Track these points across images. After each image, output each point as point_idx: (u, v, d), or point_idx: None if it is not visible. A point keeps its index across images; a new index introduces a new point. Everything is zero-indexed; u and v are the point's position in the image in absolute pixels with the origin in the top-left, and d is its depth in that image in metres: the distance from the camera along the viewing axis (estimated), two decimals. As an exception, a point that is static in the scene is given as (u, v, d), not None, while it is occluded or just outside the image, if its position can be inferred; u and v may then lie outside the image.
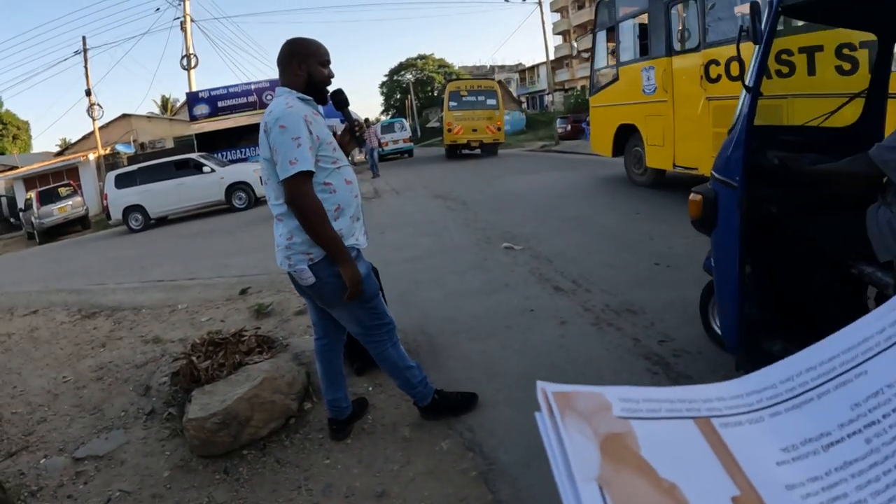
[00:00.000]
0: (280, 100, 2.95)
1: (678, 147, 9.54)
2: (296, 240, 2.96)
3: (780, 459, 0.57)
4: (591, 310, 5.22)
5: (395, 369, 3.40)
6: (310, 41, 3.10)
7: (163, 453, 3.67)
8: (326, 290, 3.05)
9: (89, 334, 6.25)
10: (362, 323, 3.23)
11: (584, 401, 0.59)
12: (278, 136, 2.79)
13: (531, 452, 3.20)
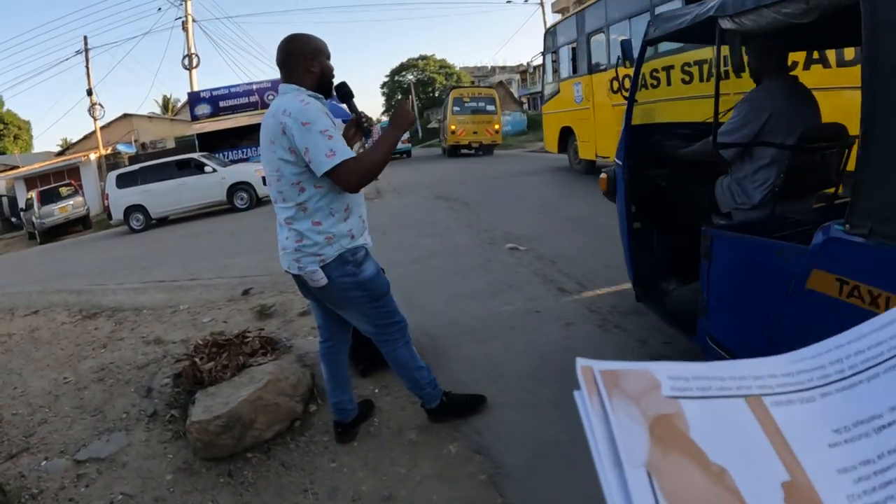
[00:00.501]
0: (289, 97, 2.86)
1: (598, 142, 12.67)
2: (306, 242, 2.91)
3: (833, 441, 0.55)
4: (596, 311, 5.19)
5: (406, 370, 3.36)
6: (312, 36, 3.04)
7: (165, 456, 3.63)
8: (337, 291, 3.01)
9: (90, 335, 6.20)
10: (374, 322, 3.19)
11: (632, 380, 0.56)
12: (304, 134, 2.71)
13: (538, 455, 3.19)
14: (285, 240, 2.99)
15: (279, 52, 2.99)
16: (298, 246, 2.92)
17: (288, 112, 2.75)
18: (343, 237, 2.95)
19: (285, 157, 2.80)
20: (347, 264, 2.95)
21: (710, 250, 3.09)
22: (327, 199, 2.90)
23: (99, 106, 30.32)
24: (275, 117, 2.81)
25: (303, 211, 2.88)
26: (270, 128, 2.83)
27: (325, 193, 2.88)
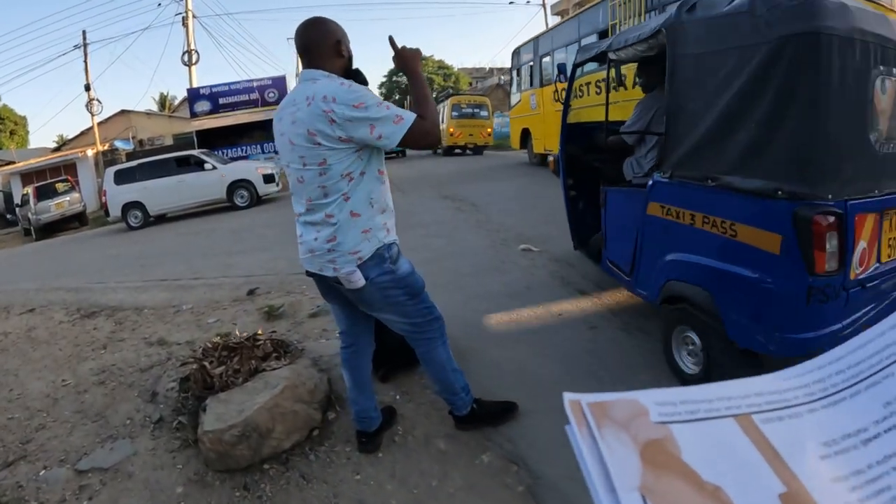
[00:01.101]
0: (324, 83, 2.64)
1: (546, 140, 15.75)
2: (340, 240, 2.72)
3: (823, 454, 0.57)
4: (618, 314, 5.09)
5: (442, 371, 3.18)
6: (334, 21, 2.86)
7: (174, 466, 3.39)
8: (377, 290, 2.84)
9: (90, 335, 5.96)
10: (414, 320, 3.02)
11: (620, 409, 0.59)
12: (362, 114, 2.55)
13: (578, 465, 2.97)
14: (315, 241, 2.79)
15: (303, 36, 2.79)
16: (332, 246, 2.73)
17: (331, 98, 2.55)
18: (379, 230, 2.78)
19: (334, 145, 2.60)
20: (385, 262, 2.80)
21: (605, 201, 4.87)
22: (367, 189, 2.74)
23: (97, 102, 30.17)
24: (314, 106, 2.58)
25: (345, 201, 2.69)
26: (308, 119, 2.60)
27: (367, 181, 2.74)
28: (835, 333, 3.03)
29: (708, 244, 3.41)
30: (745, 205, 3.18)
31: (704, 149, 3.44)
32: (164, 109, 45.82)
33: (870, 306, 3.24)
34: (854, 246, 3.01)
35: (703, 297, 3.47)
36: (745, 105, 3.16)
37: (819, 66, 2.84)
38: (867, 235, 3.10)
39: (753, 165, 3.14)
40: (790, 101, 2.96)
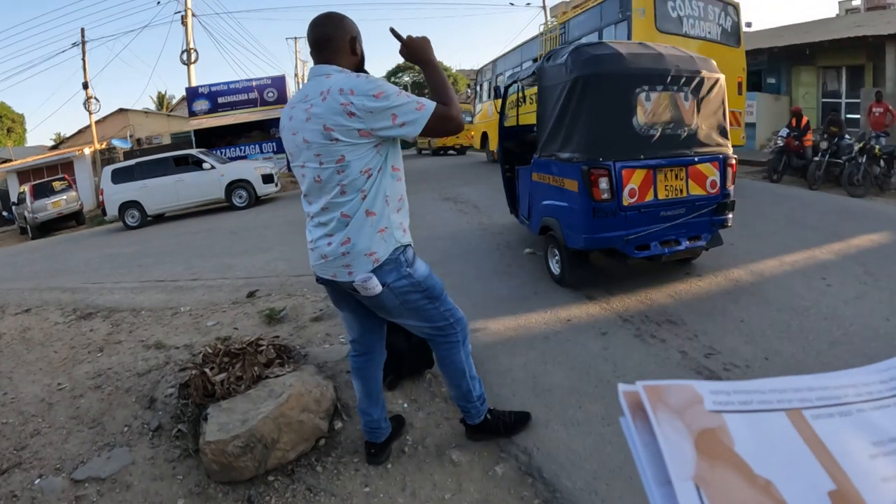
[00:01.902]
0: (338, 77, 2.57)
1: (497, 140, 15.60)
2: (354, 241, 2.62)
3: (873, 453, 0.57)
4: (629, 320, 5.04)
5: (461, 377, 3.07)
6: (349, 18, 2.77)
7: (174, 477, 3.27)
8: (395, 296, 2.74)
9: (86, 337, 5.82)
10: (435, 324, 2.93)
11: (675, 394, 0.59)
12: (382, 103, 2.48)
13: (597, 477, 2.96)
14: (327, 246, 2.68)
15: (318, 29, 2.69)
16: (346, 249, 2.63)
17: (349, 90, 2.48)
18: (396, 229, 2.69)
19: (353, 140, 2.52)
20: (401, 266, 2.70)
21: (517, 176, 7.29)
22: (384, 186, 2.65)
23: (94, 100, 29.93)
24: (330, 100, 2.50)
25: (362, 199, 2.59)
26: (325, 114, 2.52)
27: (384, 178, 2.65)
28: (620, 237, 5.37)
29: (554, 193, 5.94)
30: (565, 167, 5.67)
31: (550, 139, 5.96)
32: (163, 108, 45.66)
33: (652, 223, 5.42)
34: (623, 187, 5.25)
35: (554, 222, 5.94)
36: (563, 114, 5.65)
37: (588, 93, 5.37)
38: (637, 181, 5.32)
39: (568, 146, 5.63)
40: (580, 110, 5.45)
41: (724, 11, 12.60)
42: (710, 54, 9.51)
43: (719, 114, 5.83)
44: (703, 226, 5.66)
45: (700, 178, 5.55)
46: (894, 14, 23.20)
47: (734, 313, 5.04)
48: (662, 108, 5.48)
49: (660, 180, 5.40)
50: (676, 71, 5.52)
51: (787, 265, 6.31)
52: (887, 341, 4.31)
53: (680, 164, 5.49)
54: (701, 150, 5.60)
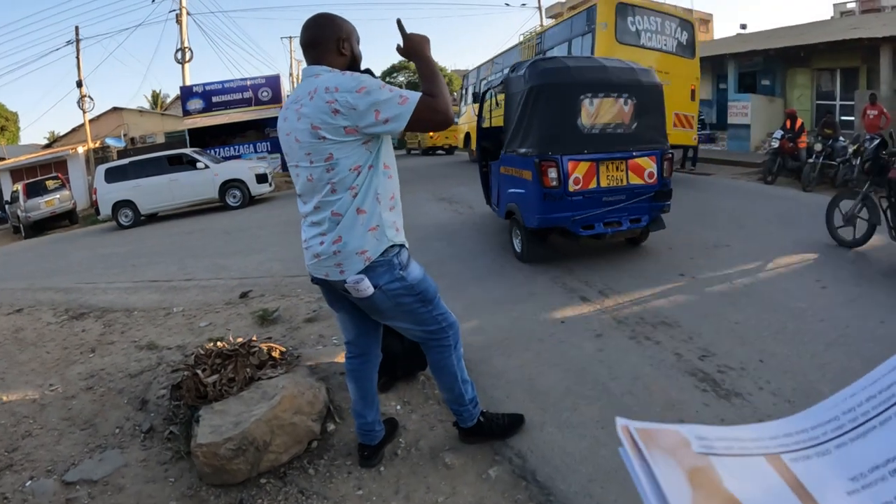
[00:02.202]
0: (325, 77, 2.56)
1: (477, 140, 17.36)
2: (346, 240, 2.61)
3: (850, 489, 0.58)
4: (624, 322, 5.04)
5: (453, 381, 3.06)
6: (344, 18, 2.76)
7: (166, 480, 3.24)
8: (388, 298, 2.73)
9: (78, 337, 5.80)
10: (428, 327, 2.91)
11: (665, 437, 0.61)
12: (365, 98, 2.46)
13: (593, 480, 2.94)
14: (319, 245, 2.67)
15: (307, 32, 2.71)
16: (338, 248, 2.62)
17: (333, 88, 2.47)
18: (388, 228, 2.67)
19: (340, 138, 2.52)
20: (394, 268, 2.68)
21: (489, 169, 8.26)
22: (374, 184, 2.64)
23: (88, 98, 29.79)
24: (317, 100, 2.51)
25: (352, 197, 2.59)
26: (312, 113, 2.53)
27: (374, 176, 2.64)
28: (567, 218, 6.42)
29: (516, 182, 7.02)
30: (523, 161, 6.73)
31: (513, 138, 7.08)
32: (157, 107, 45.56)
33: (596, 207, 6.48)
34: (568, 176, 6.31)
35: (515, 207, 7.04)
36: (522, 117, 6.81)
37: (540, 100, 6.51)
38: (581, 172, 6.39)
39: (525, 143, 6.73)
40: (534, 116, 6.62)
41: (680, 27, 14.03)
42: (666, 65, 12.76)
43: (657, 115, 7.00)
44: (644, 210, 6.76)
45: (639, 170, 6.64)
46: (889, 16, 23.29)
47: (729, 315, 5.04)
48: (604, 111, 6.66)
49: (602, 171, 6.50)
50: (617, 80, 6.76)
51: (782, 267, 6.32)
52: (883, 343, 4.31)
53: (620, 157, 6.57)
54: (639, 146, 6.68)
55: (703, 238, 7.80)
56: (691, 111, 13.89)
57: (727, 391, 3.74)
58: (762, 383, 3.80)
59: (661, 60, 12.91)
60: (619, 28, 12.94)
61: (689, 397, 3.70)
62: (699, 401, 3.64)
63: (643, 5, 13.76)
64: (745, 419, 3.36)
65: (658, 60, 12.60)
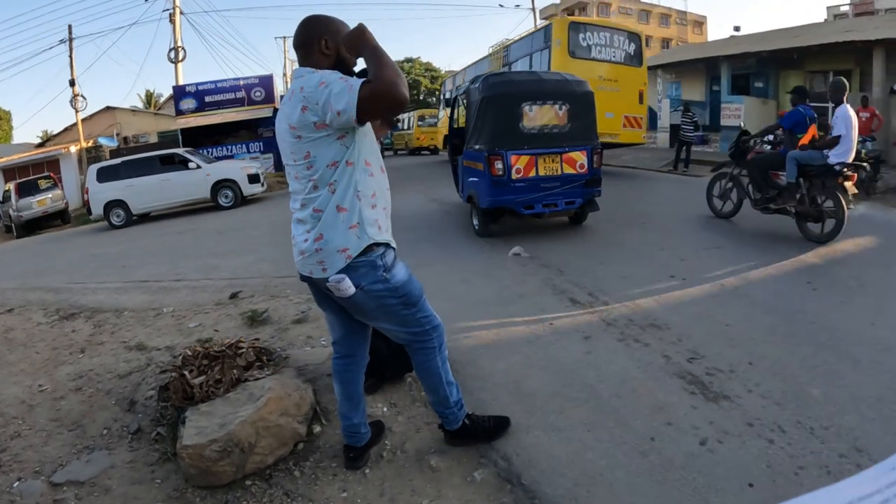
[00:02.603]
0: (308, 77, 2.58)
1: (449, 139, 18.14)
2: (327, 237, 2.62)
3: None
4: (613, 324, 5.04)
5: (438, 383, 3.06)
6: (334, 18, 2.78)
7: (153, 481, 3.23)
8: (370, 299, 2.73)
9: (68, 338, 5.78)
10: (412, 329, 2.90)
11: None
12: (324, 91, 2.47)
13: (579, 485, 2.94)
14: (303, 241, 2.69)
15: (296, 34, 2.76)
16: (320, 245, 2.63)
17: (305, 86, 2.52)
18: (370, 225, 2.67)
19: (313, 135, 2.55)
20: (378, 269, 2.68)
21: (458, 164, 9.92)
22: (354, 181, 2.64)
23: (81, 97, 29.71)
24: (293, 100, 2.56)
25: (331, 193, 2.62)
26: (290, 113, 2.58)
27: (354, 172, 2.63)
28: (512, 200, 8.02)
29: (474, 173, 8.55)
30: (477, 155, 8.35)
31: (472, 137, 8.78)
32: (150, 106, 45.42)
33: (535, 192, 8.05)
34: (511, 167, 7.87)
35: (474, 192, 8.64)
36: (477, 120, 8.53)
37: (489, 107, 8.25)
38: (522, 163, 7.97)
39: (480, 141, 8.42)
40: (485, 119, 8.32)
41: (628, 39, 16.13)
42: (615, 73, 15.16)
43: (589, 117, 8.65)
44: (577, 194, 8.37)
45: (572, 162, 8.31)
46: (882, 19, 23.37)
47: (719, 317, 5.05)
48: (542, 115, 8.37)
49: (540, 163, 8.23)
50: (553, 91, 8.50)
51: (772, 269, 6.34)
52: (873, 346, 4.32)
53: (555, 152, 8.29)
54: (572, 142, 8.35)
55: (694, 240, 7.84)
56: (640, 113, 16.06)
57: (715, 393, 3.74)
58: (751, 386, 3.81)
59: (611, 70, 15.42)
60: (571, 44, 15.12)
61: (678, 400, 3.69)
62: (687, 403, 3.64)
63: (593, 23, 17.10)
64: (734, 422, 3.38)
65: (608, 70, 15.32)
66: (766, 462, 3.00)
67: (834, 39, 17.77)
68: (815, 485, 2.77)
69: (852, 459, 2.98)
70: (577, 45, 15.24)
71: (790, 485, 2.80)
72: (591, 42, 15.52)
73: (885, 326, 4.68)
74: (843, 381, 3.82)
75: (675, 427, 3.38)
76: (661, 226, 8.85)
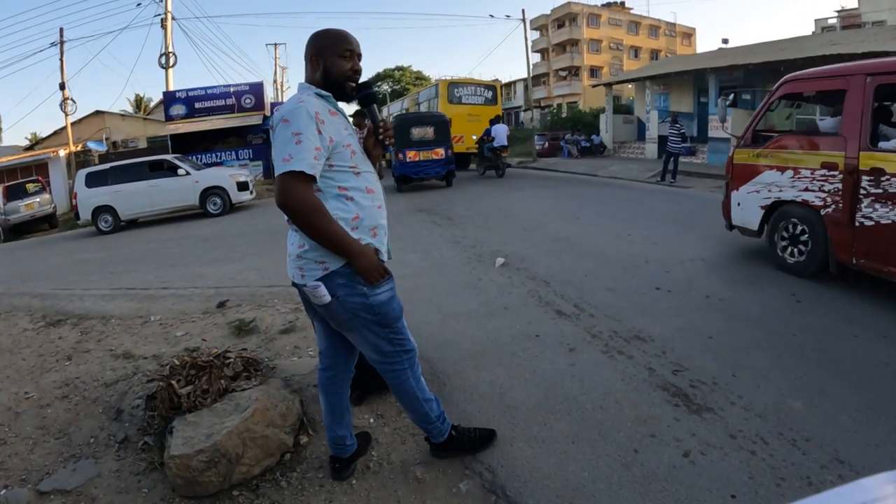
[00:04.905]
0: (294, 96, 2.64)
1: None
2: (307, 246, 2.63)
3: None
4: (598, 336, 5.06)
5: (414, 401, 3.05)
6: (330, 31, 2.78)
7: (139, 490, 3.24)
8: (344, 310, 2.71)
9: (54, 344, 5.76)
10: (381, 350, 2.87)
11: None
12: (280, 131, 2.50)
13: (561, 495, 2.96)
14: (291, 245, 2.73)
15: None
16: (300, 252, 2.66)
17: (281, 111, 2.56)
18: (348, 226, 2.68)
19: None
20: (356, 284, 2.66)
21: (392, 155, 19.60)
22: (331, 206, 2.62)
23: (71, 101, 29.58)
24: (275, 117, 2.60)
25: None
26: None
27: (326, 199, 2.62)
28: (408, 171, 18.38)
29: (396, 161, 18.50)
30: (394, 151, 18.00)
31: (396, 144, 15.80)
32: (140, 111, 45.29)
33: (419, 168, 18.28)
34: (406, 156, 18.09)
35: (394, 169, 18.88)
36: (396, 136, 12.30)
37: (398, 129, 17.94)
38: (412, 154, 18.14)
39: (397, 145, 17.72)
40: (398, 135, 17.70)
41: (487, 89, 26.69)
42: (478, 111, 25.12)
43: (446, 133, 18.47)
44: (441, 169, 18.42)
45: (437, 154, 18.13)
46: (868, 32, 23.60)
47: (703, 329, 5.07)
48: (421, 132, 18.12)
49: (422, 154, 18.06)
50: (428, 120, 18.97)
51: (757, 281, 6.38)
52: (856, 357, 4.38)
53: (428, 149, 18.07)
54: (437, 145, 18.18)
55: (679, 251, 7.86)
56: None
57: (699, 406, 3.77)
58: (734, 398, 3.84)
59: (475, 109, 25.29)
60: (449, 95, 25.37)
61: (661, 412, 3.72)
62: (670, 416, 3.67)
63: (463, 82, 26.73)
64: (716, 434, 3.42)
65: (473, 109, 25.27)
66: (749, 474, 3.03)
67: (820, 53, 17.91)
68: (797, 495, 2.82)
69: (833, 470, 3.02)
70: (453, 95, 25.46)
71: (772, 496, 2.84)
72: (462, 93, 25.80)
73: (867, 339, 4.74)
74: (825, 393, 3.87)
75: (658, 439, 3.41)
76: (646, 238, 8.88)
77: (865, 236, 5.62)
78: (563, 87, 62.74)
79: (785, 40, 24.48)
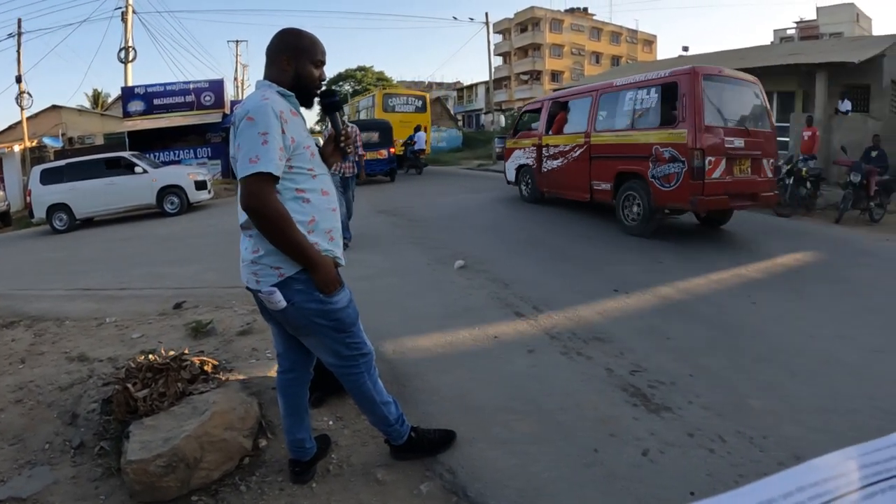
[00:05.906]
0: (256, 93, 2.61)
1: None
2: (262, 252, 2.60)
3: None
4: (557, 337, 5.12)
5: (372, 404, 3.04)
6: (305, 35, 2.77)
7: (97, 497, 3.18)
8: (300, 316, 2.69)
9: (8, 347, 5.62)
10: (339, 354, 2.86)
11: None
12: (245, 129, 2.46)
13: (523, 496, 2.98)
14: (244, 250, 2.71)
15: (269, 42, 2.77)
16: (255, 257, 2.63)
17: (244, 106, 2.53)
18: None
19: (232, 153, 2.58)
20: (312, 289, 2.65)
21: None
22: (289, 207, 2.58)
23: (27, 95, 28.93)
24: (235, 111, 2.60)
25: None
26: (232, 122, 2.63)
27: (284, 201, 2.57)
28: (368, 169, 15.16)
29: None
30: None
31: None
32: (97, 107, 44.48)
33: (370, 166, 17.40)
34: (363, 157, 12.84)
35: None
36: None
37: None
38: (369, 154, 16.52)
39: None
40: None
41: (417, 99, 30.55)
42: (410, 117, 28.60)
43: (389, 137, 21.61)
44: (384, 167, 21.47)
45: (381, 154, 20.98)
46: (826, 44, 24.15)
47: (661, 330, 5.16)
48: (368, 136, 19.24)
49: (368, 154, 16.91)
50: (373, 126, 21.86)
51: (714, 283, 6.50)
52: (811, 357, 4.49)
53: (375, 150, 20.28)
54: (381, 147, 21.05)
55: (637, 255, 7.96)
56: None
57: (657, 405, 3.83)
58: (692, 397, 3.91)
59: (407, 116, 28.50)
60: (384, 104, 28.88)
61: (620, 412, 3.77)
62: (629, 415, 3.72)
63: (397, 92, 31.94)
64: (675, 433, 3.48)
65: (405, 116, 28.39)
66: (707, 471, 3.09)
67: (780, 62, 18.27)
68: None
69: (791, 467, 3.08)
70: (388, 105, 29.06)
71: (731, 492, 2.89)
72: (396, 102, 29.63)
73: (823, 339, 4.86)
74: (782, 392, 3.95)
75: (618, 438, 3.45)
76: (607, 241, 8.98)
77: (546, 177, 12.23)
78: (525, 91, 62.97)
79: (745, 49, 24.81)
